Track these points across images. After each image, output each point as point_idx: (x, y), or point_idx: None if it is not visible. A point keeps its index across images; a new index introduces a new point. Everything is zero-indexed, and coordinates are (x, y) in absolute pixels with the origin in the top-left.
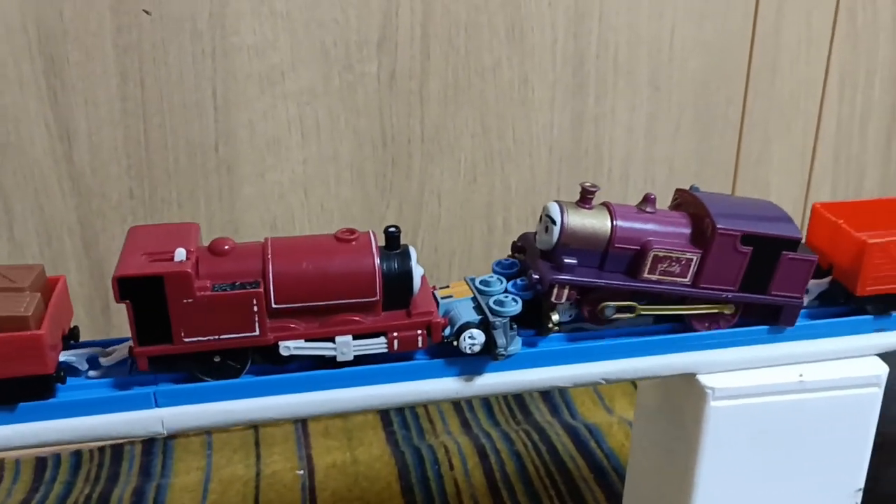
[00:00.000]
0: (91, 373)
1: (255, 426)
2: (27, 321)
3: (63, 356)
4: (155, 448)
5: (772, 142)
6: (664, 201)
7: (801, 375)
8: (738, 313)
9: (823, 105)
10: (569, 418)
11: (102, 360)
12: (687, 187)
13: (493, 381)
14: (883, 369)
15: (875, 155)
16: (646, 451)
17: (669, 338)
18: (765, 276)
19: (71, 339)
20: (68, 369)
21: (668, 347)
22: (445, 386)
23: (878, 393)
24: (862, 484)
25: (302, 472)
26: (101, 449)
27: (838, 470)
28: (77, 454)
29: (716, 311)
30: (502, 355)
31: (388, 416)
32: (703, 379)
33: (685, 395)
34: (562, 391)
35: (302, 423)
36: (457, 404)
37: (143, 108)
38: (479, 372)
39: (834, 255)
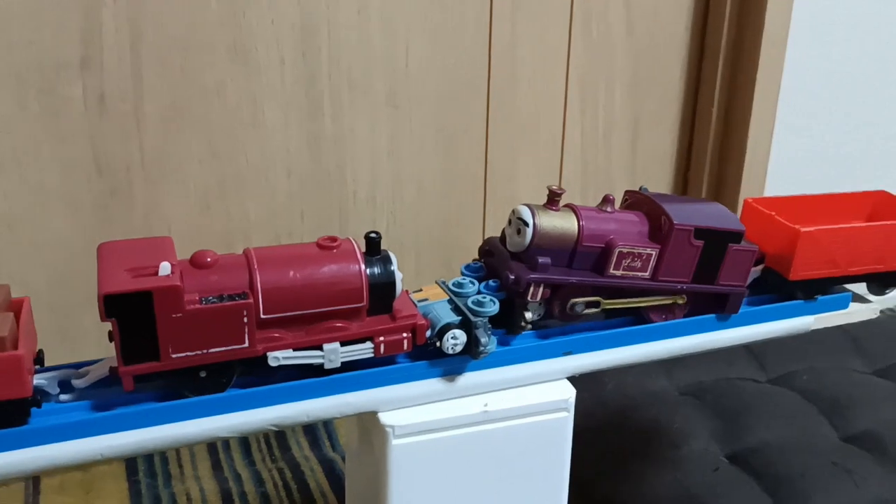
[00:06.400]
0: (63, 396)
1: None
2: (4, 342)
3: (34, 380)
4: None
5: (518, 157)
6: (414, 221)
7: (485, 405)
8: (689, 304)
9: (566, 118)
10: (329, 451)
11: (76, 382)
12: (436, 206)
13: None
14: (571, 393)
15: (621, 164)
16: (354, 487)
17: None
18: (713, 267)
19: (37, 363)
20: (41, 393)
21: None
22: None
23: (567, 417)
24: None
25: None
26: None
27: (538, 496)
28: None
29: (670, 301)
30: (483, 353)
31: (135, 465)
32: (384, 417)
33: (372, 432)
34: (326, 421)
35: (34, 480)
36: (211, 445)
37: None
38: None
39: (767, 245)
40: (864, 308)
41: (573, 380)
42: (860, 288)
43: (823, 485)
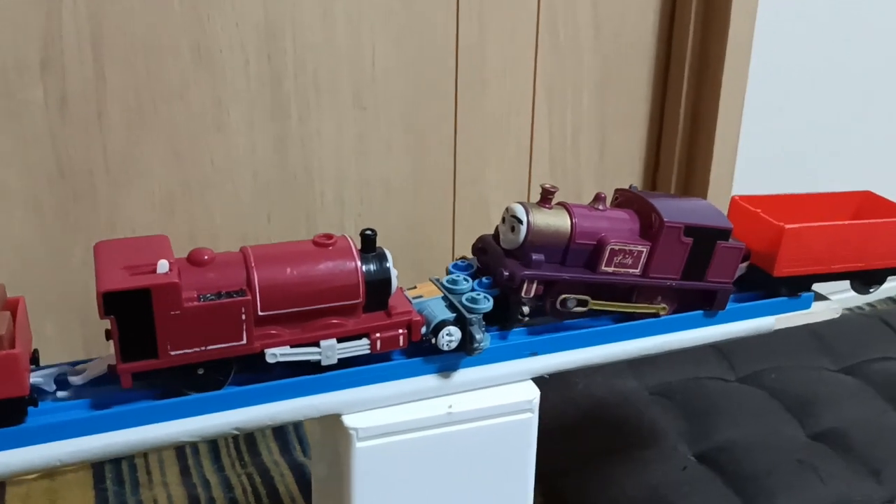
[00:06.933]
0: (60, 394)
1: None
2: (1, 340)
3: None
4: None
5: (487, 158)
6: (382, 222)
7: (450, 407)
8: (677, 301)
9: (535, 121)
10: (299, 455)
11: (73, 380)
12: (405, 207)
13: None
14: (535, 394)
15: (589, 165)
16: (320, 488)
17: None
18: (702, 264)
19: (33, 362)
20: (38, 392)
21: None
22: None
23: (532, 418)
24: None
25: None
26: None
27: (504, 497)
28: None
29: (653, 311)
30: (478, 349)
31: (102, 472)
32: (348, 420)
33: (336, 435)
34: (296, 426)
35: None
36: (180, 450)
37: None
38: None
39: (753, 242)
40: (826, 308)
41: (542, 379)
42: (832, 287)
43: (789, 482)
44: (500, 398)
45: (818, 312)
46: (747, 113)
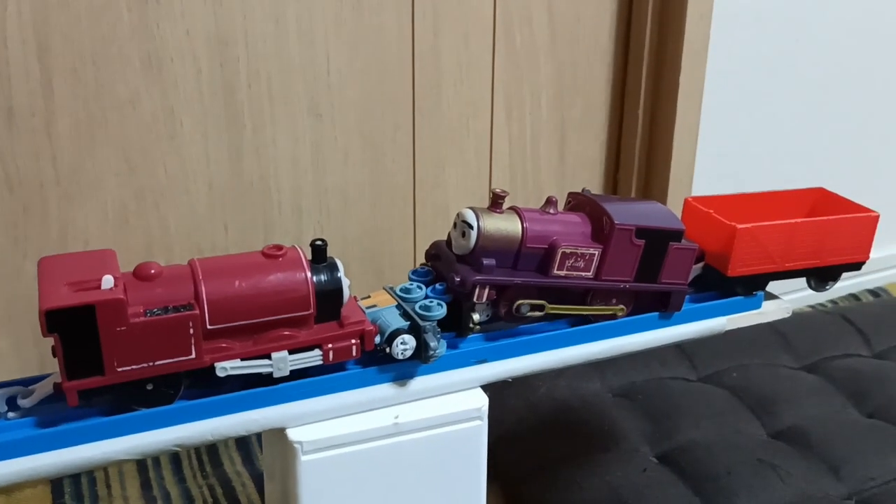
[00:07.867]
0: (10, 414)
1: None
2: None
3: None
4: None
5: (446, 165)
6: (341, 231)
7: (396, 417)
8: (632, 303)
9: (493, 126)
10: (261, 465)
11: (22, 402)
12: (364, 216)
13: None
14: (483, 401)
15: (549, 169)
16: (272, 501)
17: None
18: (655, 266)
19: None
20: None
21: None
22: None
23: (481, 426)
24: None
25: None
26: None
27: None
28: None
29: (610, 313)
30: (433, 357)
31: (61, 487)
32: (292, 433)
33: (282, 448)
34: (259, 435)
35: None
36: (141, 463)
37: None
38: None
39: (706, 243)
40: (777, 307)
41: (504, 383)
42: (792, 285)
43: (749, 482)
44: (448, 407)
45: (769, 312)
46: (705, 114)
